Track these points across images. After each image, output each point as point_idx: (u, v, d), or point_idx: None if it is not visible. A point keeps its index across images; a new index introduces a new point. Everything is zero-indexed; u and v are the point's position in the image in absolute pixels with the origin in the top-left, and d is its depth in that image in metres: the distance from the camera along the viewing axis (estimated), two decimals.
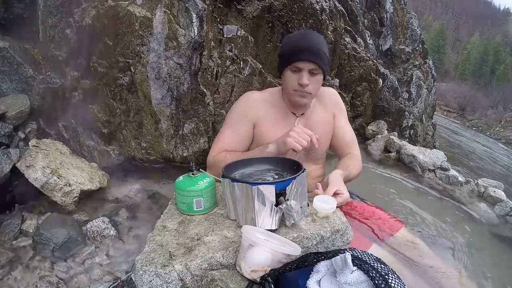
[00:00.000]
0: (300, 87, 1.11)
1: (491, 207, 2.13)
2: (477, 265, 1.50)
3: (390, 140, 2.65)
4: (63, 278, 1.11)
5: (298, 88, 1.12)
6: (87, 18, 1.56)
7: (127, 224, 1.39)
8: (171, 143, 1.64)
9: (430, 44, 35.69)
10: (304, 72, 1.09)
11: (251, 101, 1.23)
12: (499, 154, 8.57)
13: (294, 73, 1.11)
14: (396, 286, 0.61)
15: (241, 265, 0.71)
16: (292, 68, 1.10)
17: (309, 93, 1.14)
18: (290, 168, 0.92)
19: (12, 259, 1.14)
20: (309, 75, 1.10)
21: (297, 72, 1.10)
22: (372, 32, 3.15)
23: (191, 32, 1.53)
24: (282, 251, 0.71)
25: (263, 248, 0.69)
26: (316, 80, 1.14)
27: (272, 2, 1.76)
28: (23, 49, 1.70)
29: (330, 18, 2.16)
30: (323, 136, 1.28)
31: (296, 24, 1.88)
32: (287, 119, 1.22)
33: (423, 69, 3.76)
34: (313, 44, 1.10)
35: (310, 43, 1.10)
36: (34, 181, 1.29)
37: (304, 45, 1.08)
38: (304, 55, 1.06)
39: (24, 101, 1.62)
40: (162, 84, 1.55)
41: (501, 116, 21.22)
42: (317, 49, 1.09)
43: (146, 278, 0.69)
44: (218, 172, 0.91)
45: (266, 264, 0.70)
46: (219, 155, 1.16)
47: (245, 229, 0.73)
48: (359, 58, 2.51)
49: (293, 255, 0.72)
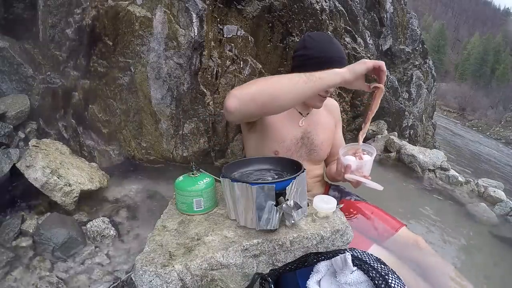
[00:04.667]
0: (325, 93, 1.17)
1: (491, 207, 2.13)
2: (477, 265, 1.50)
3: (390, 140, 2.65)
4: (63, 278, 1.11)
5: (323, 94, 1.17)
6: (87, 18, 1.56)
7: (127, 224, 1.39)
8: (171, 143, 1.64)
9: (430, 44, 35.70)
10: None
11: None
12: (499, 154, 8.57)
13: None
14: (396, 286, 0.61)
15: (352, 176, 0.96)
16: None
17: (327, 97, 1.21)
18: (290, 168, 0.92)
19: (12, 259, 1.13)
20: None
21: None
22: (372, 32, 3.14)
23: (191, 32, 1.53)
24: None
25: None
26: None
27: (272, 2, 1.76)
28: (23, 49, 1.70)
29: (330, 18, 2.16)
30: (327, 140, 1.31)
31: (296, 24, 1.88)
32: (293, 116, 1.24)
33: (423, 69, 3.76)
34: (342, 54, 1.15)
35: (340, 53, 1.15)
36: (34, 181, 1.29)
37: (336, 54, 1.12)
38: (337, 64, 1.05)
39: (24, 101, 1.61)
40: (162, 84, 1.55)
41: (501, 116, 21.23)
42: (344, 59, 1.15)
43: (146, 278, 0.69)
44: (254, 90, 0.88)
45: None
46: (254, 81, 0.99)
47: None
48: (359, 58, 2.50)
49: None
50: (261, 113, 0.97)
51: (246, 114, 0.93)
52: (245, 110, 0.89)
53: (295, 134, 1.23)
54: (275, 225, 0.77)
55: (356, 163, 0.98)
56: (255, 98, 0.88)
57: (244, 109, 0.89)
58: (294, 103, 0.93)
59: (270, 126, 1.19)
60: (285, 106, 0.92)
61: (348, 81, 0.92)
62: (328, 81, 0.91)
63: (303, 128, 1.25)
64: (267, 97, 0.88)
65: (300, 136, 1.24)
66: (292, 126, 1.23)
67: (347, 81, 0.92)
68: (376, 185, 0.93)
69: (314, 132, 1.27)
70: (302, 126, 1.25)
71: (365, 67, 0.91)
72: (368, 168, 0.99)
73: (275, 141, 1.19)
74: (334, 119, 1.38)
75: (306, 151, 1.26)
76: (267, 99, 0.88)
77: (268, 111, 0.96)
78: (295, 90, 0.89)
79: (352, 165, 0.98)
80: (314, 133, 1.27)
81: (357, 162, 0.99)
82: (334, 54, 1.11)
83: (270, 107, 0.91)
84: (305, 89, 0.89)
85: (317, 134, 1.28)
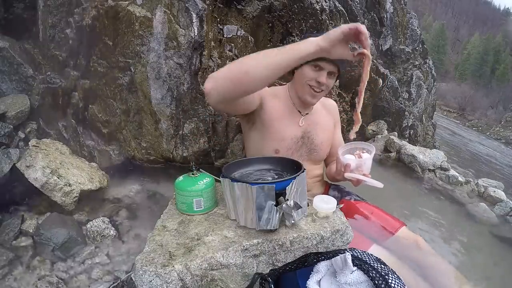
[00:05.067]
0: (317, 84, 1.15)
1: (491, 207, 2.13)
2: (477, 265, 1.50)
3: (390, 140, 2.65)
4: (63, 278, 1.11)
5: (314, 85, 1.15)
6: (87, 18, 1.56)
7: (127, 224, 1.39)
8: (171, 143, 1.64)
9: (430, 44, 35.70)
10: (325, 72, 1.13)
11: (266, 87, 1.23)
12: (499, 154, 8.57)
13: (314, 70, 1.13)
14: (396, 286, 0.61)
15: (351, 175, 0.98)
16: (314, 65, 1.12)
17: (322, 92, 1.18)
18: (290, 168, 0.92)
19: (12, 259, 1.14)
20: (327, 77, 1.15)
21: (317, 70, 1.13)
22: (372, 32, 3.14)
23: (191, 32, 1.53)
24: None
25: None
26: (331, 82, 1.19)
27: (272, 2, 1.76)
28: (23, 49, 1.70)
29: (330, 18, 2.16)
30: (326, 139, 1.32)
31: (296, 24, 1.88)
32: (293, 115, 1.24)
33: (423, 69, 3.76)
34: None
35: None
36: (34, 181, 1.29)
37: None
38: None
39: (24, 101, 1.62)
40: (162, 84, 1.55)
41: (501, 116, 21.23)
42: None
43: (146, 278, 0.69)
44: (229, 74, 0.88)
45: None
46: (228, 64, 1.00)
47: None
48: None
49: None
50: (238, 90, 0.93)
51: (223, 93, 0.91)
52: (221, 89, 0.89)
53: (295, 133, 1.23)
54: (275, 225, 0.77)
55: (356, 162, 0.99)
56: (229, 76, 0.88)
57: (220, 88, 0.89)
58: (268, 76, 0.89)
59: (270, 124, 1.19)
60: (258, 79, 0.89)
61: (324, 48, 0.84)
62: (301, 50, 0.86)
63: (303, 127, 1.26)
64: (239, 72, 0.88)
65: (301, 135, 1.24)
66: (292, 125, 1.23)
67: (323, 49, 0.85)
68: (376, 183, 0.93)
69: (314, 131, 1.27)
70: (302, 126, 1.25)
71: (339, 31, 0.82)
72: (368, 166, 1.00)
73: (275, 139, 1.20)
74: (333, 119, 1.39)
75: (306, 151, 1.26)
76: (240, 74, 0.87)
77: (244, 88, 0.92)
78: (265, 62, 0.87)
79: (351, 164, 0.99)
80: (314, 132, 1.27)
81: (356, 161, 0.99)
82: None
83: (245, 82, 0.88)
84: (277, 60, 0.86)
85: (317, 133, 1.28)
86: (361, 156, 1.00)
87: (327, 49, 0.84)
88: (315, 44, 0.84)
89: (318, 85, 1.15)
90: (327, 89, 1.19)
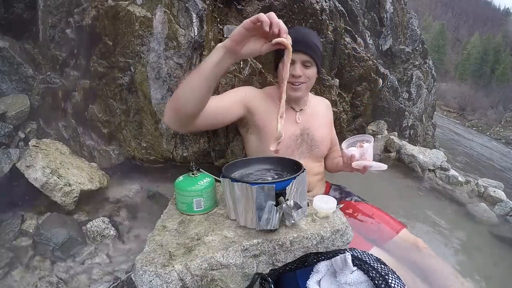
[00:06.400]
0: (293, 78, 1.15)
1: (491, 207, 2.13)
2: (477, 265, 1.50)
3: (390, 140, 2.65)
4: (63, 278, 1.11)
5: (291, 80, 1.15)
6: (87, 18, 1.56)
7: (127, 224, 1.39)
8: (171, 143, 1.64)
9: (430, 44, 35.70)
10: (297, 64, 1.14)
11: (252, 89, 1.28)
12: (499, 154, 8.57)
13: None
14: (396, 286, 0.61)
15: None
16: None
17: (302, 84, 1.18)
18: (290, 168, 0.92)
19: (12, 259, 1.14)
20: (303, 67, 1.15)
21: (291, 65, 1.12)
22: (372, 32, 3.14)
23: (191, 32, 1.52)
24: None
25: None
26: (309, 72, 1.18)
27: (272, 2, 1.76)
28: (23, 49, 1.70)
29: (330, 18, 2.15)
30: (326, 135, 1.32)
31: (296, 24, 1.88)
32: (287, 113, 1.24)
33: (423, 69, 3.76)
34: (305, 37, 1.14)
35: (302, 36, 1.14)
36: (34, 181, 1.29)
37: (296, 37, 1.03)
38: (297, 46, 1.00)
39: (24, 101, 1.62)
40: (162, 84, 1.55)
41: (501, 116, 21.22)
42: (309, 41, 1.14)
43: (146, 278, 0.69)
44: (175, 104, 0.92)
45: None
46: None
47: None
48: (359, 58, 2.50)
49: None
50: (183, 116, 0.94)
51: (175, 121, 0.95)
52: (172, 118, 0.95)
53: (293, 131, 1.23)
54: (275, 225, 0.77)
55: (359, 151, 1.10)
56: (169, 105, 0.95)
57: (172, 118, 0.95)
58: (197, 96, 0.89)
59: (265, 125, 1.19)
60: (191, 102, 0.90)
61: (231, 49, 0.83)
62: (212, 58, 0.85)
63: (301, 124, 1.25)
64: (174, 101, 0.93)
65: (299, 133, 1.24)
66: (288, 123, 1.22)
67: (232, 49, 0.83)
68: (380, 165, 1.06)
69: (313, 128, 1.27)
70: (299, 123, 1.25)
71: (241, 27, 0.80)
72: (370, 153, 1.10)
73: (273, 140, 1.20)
74: (329, 117, 1.43)
75: (307, 148, 1.26)
76: (175, 103, 0.92)
77: (184, 113, 0.93)
78: (188, 86, 0.89)
79: (356, 154, 1.08)
80: (313, 129, 1.27)
81: (359, 151, 1.10)
82: (292, 38, 0.92)
83: (182, 109, 0.92)
84: (196, 79, 0.88)
85: (316, 130, 1.28)
86: (362, 146, 1.12)
87: (234, 48, 0.83)
88: (221, 47, 0.85)
89: (295, 78, 1.15)
90: (308, 80, 1.19)
